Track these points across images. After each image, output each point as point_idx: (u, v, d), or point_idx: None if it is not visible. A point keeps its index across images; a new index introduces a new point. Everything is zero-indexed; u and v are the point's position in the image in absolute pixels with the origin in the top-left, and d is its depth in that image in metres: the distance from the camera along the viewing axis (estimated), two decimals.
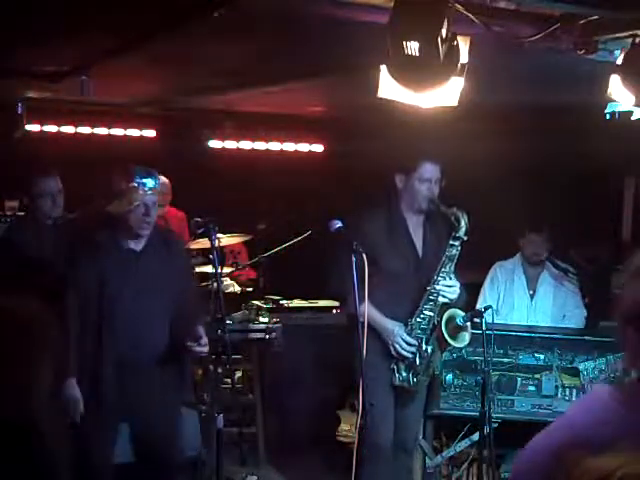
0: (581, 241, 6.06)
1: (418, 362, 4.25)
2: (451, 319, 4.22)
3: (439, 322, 4.23)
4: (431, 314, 4.26)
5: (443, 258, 4.25)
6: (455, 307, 4.28)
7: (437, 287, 4.24)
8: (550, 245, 5.38)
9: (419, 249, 4.38)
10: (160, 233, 4.05)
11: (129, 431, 4.05)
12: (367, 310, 4.03)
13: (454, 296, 4.28)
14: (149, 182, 3.85)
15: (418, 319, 4.26)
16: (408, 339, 4.23)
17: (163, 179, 6.66)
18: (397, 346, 4.23)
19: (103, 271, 3.86)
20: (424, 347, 4.25)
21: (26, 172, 4.91)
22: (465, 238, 4.23)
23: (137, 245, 3.93)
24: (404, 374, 4.28)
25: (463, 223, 4.21)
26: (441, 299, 4.25)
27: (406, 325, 4.27)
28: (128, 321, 3.85)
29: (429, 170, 4.30)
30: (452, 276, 4.29)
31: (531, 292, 5.39)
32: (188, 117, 7.05)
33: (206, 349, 3.93)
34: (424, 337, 4.26)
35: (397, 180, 4.36)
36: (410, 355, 4.25)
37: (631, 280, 1.89)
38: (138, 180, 3.82)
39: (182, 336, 3.88)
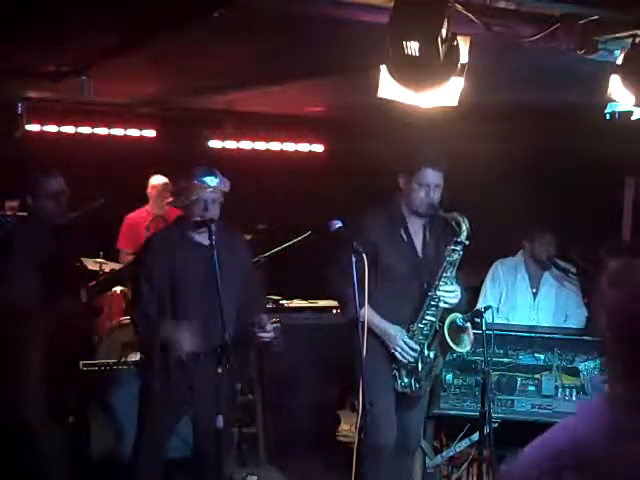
0: (581, 241, 6.06)
1: (420, 368, 4.24)
2: (453, 323, 4.20)
3: (441, 327, 4.21)
4: (433, 319, 4.24)
5: (444, 263, 4.22)
6: (456, 311, 4.26)
7: (438, 292, 4.22)
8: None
9: (419, 250, 4.37)
10: (224, 228, 4.23)
11: (191, 424, 4.30)
12: (369, 315, 4.03)
13: (455, 301, 4.26)
14: (209, 180, 4.11)
15: (420, 324, 4.25)
16: (411, 343, 4.22)
17: (164, 179, 6.68)
18: (400, 350, 4.22)
19: (174, 265, 4.10)
20: (426, 352, 4.24)
21: (30, 172, 4.92)
22: (467, 242, 4.21)
23: (204, 239, 4.11)
24: (406, 380, 4.27)
25: (464, 227, 4.18)
26: (442, 304, 4.23)
27: (408, 330, 4.26)
28: (198, 313, 4.05)
29: (429, 176, 4.26)
30: (453, 281, 4.27)
31: (534, 290, 5.39)
32: (188, 117, 7.05)
33: (271, 334, 4.17)
34: (426, 342, 4.24)
35: (401, 180, 4.35)
36: (412, 360, 4.23)
37: (609, 290, 1.87)
38: (198, 178, 4.09)
39: (247, 325, 4.11)
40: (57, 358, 4.59)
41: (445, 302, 4.23)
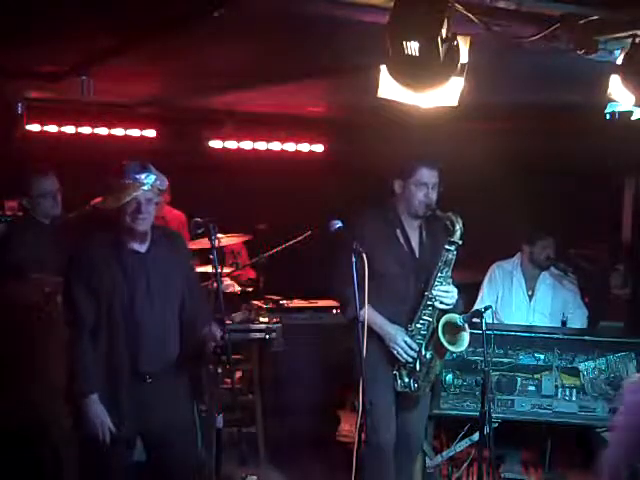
0: (581, 241, 6.07)
1: (418, 368, 4.24)
2: (448, 324, 4.20)
3: (436, 328, 4.21)
4: (430, 319, 4.24)
5: (439, 263, 4.23)
6: (452, 312, 4.25)
7: (434, 292, 4.22)
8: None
9: (416, 251, 4.37)
10: (161, 231, 3.88)
11: (142, 442, 3.88)
12: (369, 314, 4.02)
13: (452, 301, 4.26)
14: (142, 178, 3.64)
15: (418, 325, 4.25)
16: (410, 342, 4.22)
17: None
18: (400, 349, 4.22)
19: (112, 277, 3.65)
20: (423, 352, 4.24)
21: (24, 173, 4.92)
22: (460, 242, 4.21)
23: (141, 247, 3.74)
24: (406, 380, 4.27)
25: (458, 227, 4.19)
26: (438, 304, 4.23)
27: (406, 330, 4.26)
28: (144, 329, 3.68)
29: (426, 175, 4.28)
30: (449, 281, 4.27)
31: (530, 293, 5.39)
32: (188, 117, 7.06)
33: (221, 343, 3.74)
34: (424, 343, 4.24)
35: (396, 185, 4.35)
36: (411, 360, 4.23)
37: None
38: (131, 176, 3.63)
39: (195, 337, 3.74)
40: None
41: (441, 302, 4.23)
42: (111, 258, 3.68)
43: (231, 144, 7.53)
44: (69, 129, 6.76)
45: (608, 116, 4.17)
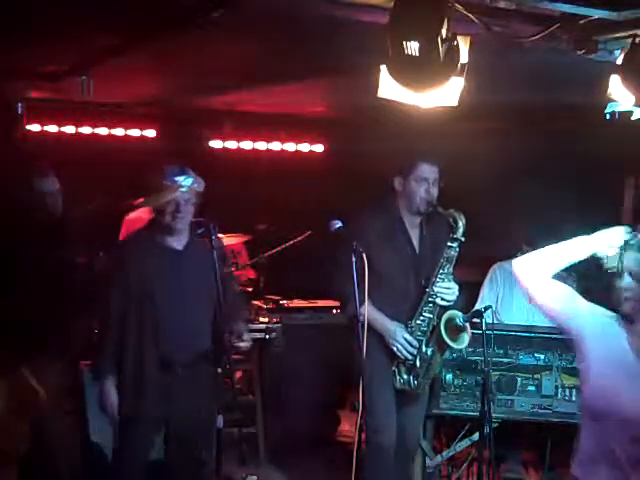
0: None
1: (418, 365, 4.25)
2: (450, 321, 4.21)
3: (438, 324, 4.21)
4: (430, 316, 4.26)
5: (441, 260, 4.24)
6: (453, 309, 4.26)
7: (435, 289, 4.23)
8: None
9: (416, 247, 4.38)
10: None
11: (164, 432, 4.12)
12: (369, 311, 4.03)
13: (453, 298, 4.27)
14: (181, 180, 3.91)
15: (418, 321, 4.26)
16: (410, 338, 4.23)
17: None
18: (399, 346, 4.22)
19: (147, 271, 3.92)
20: (424, 349, 4.25)
21: (22, 173, 4.92)
22: (463, 239, 4.22)
23: (179, 244, 4.00)
24: (405, 377, 4.28)
25: (460, 224, 4.21)
26: (439, 301, 4.24)
27: (406, 327, 4.26)
28: (174, 322, 3.90)
29: (426, 170, 4.30)
30: (451, 278, 4.28)
31: None
32: (188, 117, 7.05)
33: (248, 344, 4.08)
34: (424, 339, 4.25)
35: (396, 183, 4.36)
36: (411, 356, 4.24)
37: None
38: (170, 178, 3.90)
39: (223, 334, 3.92)
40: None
41: (442, 299, 4.24)
42: (149, 254, 3.96)
43: (231, 144, 7.53)
44: (69, 129, 6.76)
45: (608, 116, 4.17)
